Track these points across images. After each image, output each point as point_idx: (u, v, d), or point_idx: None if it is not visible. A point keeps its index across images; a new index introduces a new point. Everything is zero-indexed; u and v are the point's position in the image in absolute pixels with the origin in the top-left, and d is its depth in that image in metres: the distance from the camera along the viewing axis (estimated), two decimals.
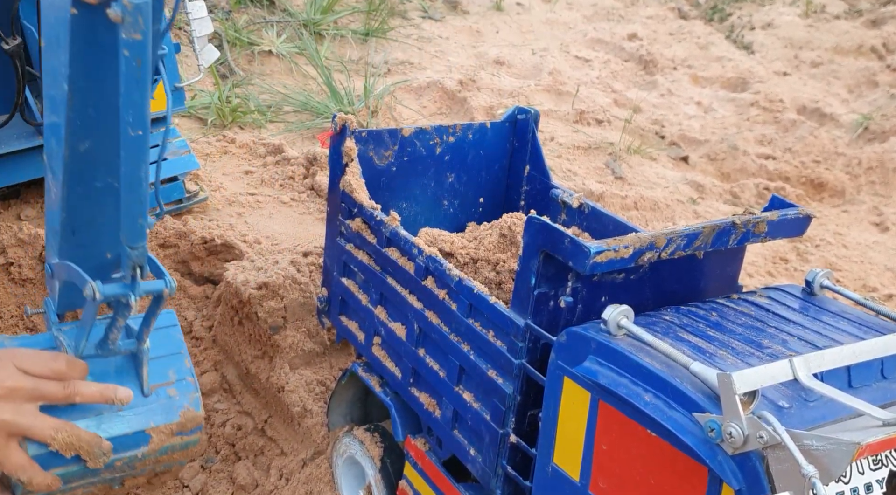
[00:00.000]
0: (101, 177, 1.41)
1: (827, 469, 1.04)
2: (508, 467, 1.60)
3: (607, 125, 4.24)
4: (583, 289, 1.53)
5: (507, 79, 4.59)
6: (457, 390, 1.70)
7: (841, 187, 4.03)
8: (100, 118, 1.34)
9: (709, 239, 1.51)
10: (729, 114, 4.71)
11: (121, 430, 1.56)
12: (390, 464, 2.01)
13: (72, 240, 1.48)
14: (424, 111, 4.06)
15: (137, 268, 1.42)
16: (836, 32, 5.79)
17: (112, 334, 1.55)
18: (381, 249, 1.89)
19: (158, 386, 1.66)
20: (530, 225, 1.48)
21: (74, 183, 1.40)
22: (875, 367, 1.32)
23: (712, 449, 1.17)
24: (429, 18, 5.41)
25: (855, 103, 4.90)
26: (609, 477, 1.36)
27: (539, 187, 2.24)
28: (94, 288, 1.41)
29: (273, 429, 2.40)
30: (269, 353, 2.40)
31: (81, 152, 1.36)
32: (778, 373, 1.19)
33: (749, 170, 4.08)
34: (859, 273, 3.21)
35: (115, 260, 1.53)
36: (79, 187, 1.41)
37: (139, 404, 1.61)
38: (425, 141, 2.17)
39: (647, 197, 3.43)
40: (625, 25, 5.86)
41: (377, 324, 1.94)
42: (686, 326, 1.44)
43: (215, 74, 3.81)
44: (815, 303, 1.56)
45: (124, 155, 1.26)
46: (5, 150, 2.48)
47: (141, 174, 1.28)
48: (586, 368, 1.37)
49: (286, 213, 2.91)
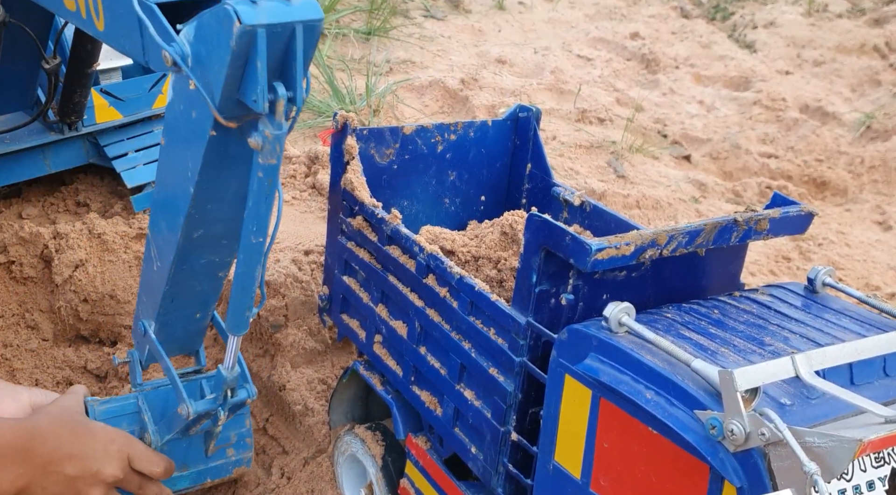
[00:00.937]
0: (206, 257, 1.59)
1: (828, 466, 1.04)
2: (510, 465, 1.60)
3: (609, 124, 4.24)
4: (584, 286, 1.53)
5: (509, 77, 4.59)
6: (458, 388, 1.69)
7: (843, 186, 4.02)
8: (217, 212, 1.48)
9: (711, 236, 1.51)
10: (731, 113, 4.70)
11: (184, 485, 1.95)
12: (392, 463, 2.00)
13: (170, 307, 1.69)
14: (426, 110, 4.06)
15: (229, 390, 1.67)
16: (839, 31, 5.78)
17: (208, 445, 1.92)
18: (383, 247, 1.88)
19: (220, 447, 1.97)
20: (531, 222, 1.48)
21: (182, 262, 1.57)
22: (877, 365, 1.31)
23: (714, 446, 1.17)
24: (431, 17, 5.41)
25: (858, 102, 4.89)
26: (610, 475, 1.36)
27: (541, 185, 2.24)
28: (189, 407, 1.65)
29: (275, 428, 2.39)
30: (271, 352, 2.40)
31: (193, 238, 1.51)
32: (780, 371, 1.18)
33: (751, 168, 4.07)
34: (862, 271, 3.20)
35: (201, 325, 1.79)
36: (185, 265, 1.58)
37: (200, 462, 1.95)
38: (427, 139, 2.17)
39: (649, 195, 3.42)
40: (627, 24, 5.85)
41: (378, 322, 1.94)
42: (688, 324, 1.44)
43: None
44: (817, 301, 1.55)
45: (243, 258, 1.41)
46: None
47: (255, 274, 1.43)
48: (587, 366, 1.36)
49: (288, 212, 2.91)
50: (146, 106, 2.74)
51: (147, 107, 2.75)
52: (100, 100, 2.61)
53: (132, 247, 2.58)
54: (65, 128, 2.57)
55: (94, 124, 2.64)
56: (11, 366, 2.44)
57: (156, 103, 2.76)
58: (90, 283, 2.50)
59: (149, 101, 2.74)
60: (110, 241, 2.55)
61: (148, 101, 2.74)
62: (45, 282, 2.56)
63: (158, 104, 2.76)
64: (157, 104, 2.76)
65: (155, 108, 2.76)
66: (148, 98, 2.73)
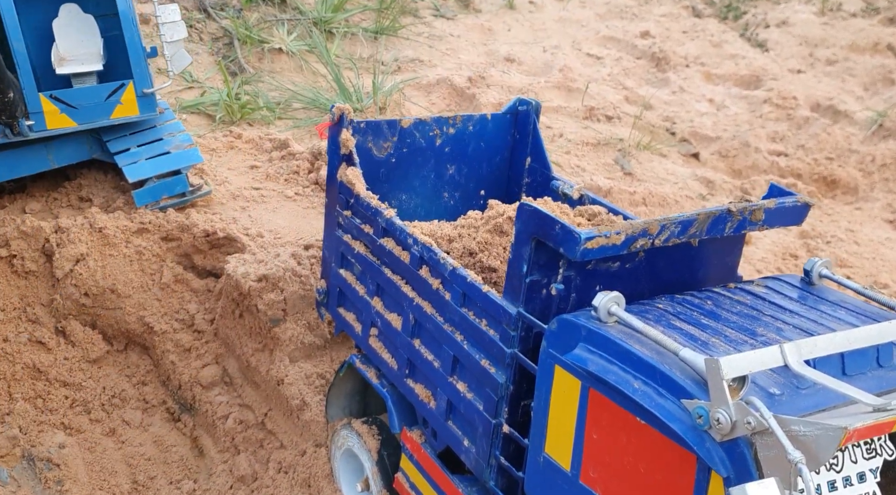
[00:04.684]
0: None
1: (814, 454, 1.02)
2: (501, 457, 1.58)
3: (617, 122, 4.21)
4: (576, 277, 1.51)
5: (517, 76, 4.57)
6: (451, 380, 1.68)
7: (854, 184, 3.97)
8: None
9: (704, 226, 1.49)
10: (741, 111, 4.66)
11: None
12: (387, 457, 1.99)
13: None
14: (433, 108, 4.05)
15: None
16: (852, 30, 5.72)
17: None
18: (378, 240, 1.87)
19: None
20: (522, 211, 1.47)
21: None
22: (870, 355, 1.29)
23: (700, 436, 1.15)
24: (441, 17, 5.39)
25: (870, 100, 4.83)
26: (599, 466, 1.34)
27: (540, 179, 2.22)
28: None
29: (273, 422, 2.39)
30: (270, 346, 2.39)
31: None
32: (767, 359, 1.16)
33: (761, 166, 4.03)
34: (871, 269, 3.16)
35: None
36: None
37: None
38: (425, 132, 2.16)
39: (655, 192, 3.39)
40: (638, 23, 5.82)
41: (374, 315, 1.93)
42: (679, 314, 1.42)
43: (224, 71, 3.82)
44: (813, 293, 1.53)
45: None
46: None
47: None
48: (576, 356, 1.35)
49: (290, 207, 2.91)
50: (104, 115, 2.66)
51: (105, 116, 2.66)
52: (49, 106, 2.54)
53: (133, 242, 2.58)
54: (6, 131, 2.48)
55: (45, 130, 2.56)
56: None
57: (114, 113, 2.67)
58: (91, 277, 2.50)
59: (107, 111, 2.66)
60: (111, 236, 2.55)
61: (106, 110, 2.66)
62: (46, 275, 2.57)
63: (117, 114, 2.68)
64: (116, 114, 2.68)
65: (113, 118, 2.68)
66: (105, 107, 2.65)
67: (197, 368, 2.52)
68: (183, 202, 2.80)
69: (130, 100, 2.65)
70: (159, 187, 2.74)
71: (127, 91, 2.63)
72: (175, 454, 2.50)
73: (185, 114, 3.58)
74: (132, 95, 2.64)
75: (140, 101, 2.69)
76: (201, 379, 2.51)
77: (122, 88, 2.63)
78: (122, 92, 2.63)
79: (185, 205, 2.81)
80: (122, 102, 2.65)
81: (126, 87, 2.63)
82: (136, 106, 2.71)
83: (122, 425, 2.54)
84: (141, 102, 2.70)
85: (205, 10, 4.43)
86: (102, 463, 2.45)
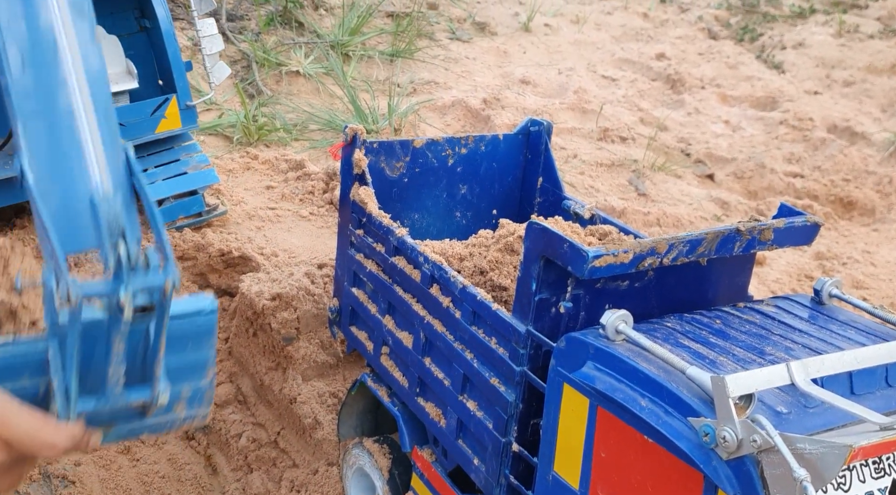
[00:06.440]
0: None
1: (820, 473, 1.02)
2: (511, 476, 1.58)
3: (632, 143, 4.22)
4: (585, 295, 1.52)
5: (532, 97, 4.60)
6: (461, 399, 1.69)
7: (871, 206, 3.95)
8: None
9: (713, 245, 1.49)
10: (757, 132, 4.65)
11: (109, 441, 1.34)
12: (398, 476, 2.00)
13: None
14: (448, 129, 4.07)
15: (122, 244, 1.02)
16: (870, 51, 5.71)
17: (111, 373, 1.15)
18: (389, 258, 1.89)
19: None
20: (530, 230, 1.48)
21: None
22: (879, 374, 1.28)
23: (707, 454, 1.15)
24: (456, 39, 5.44)
25: (888, 122, 4.82)
26: (608, 484, 1.34)
27: (552, 199, 2.23)
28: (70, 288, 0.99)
29: (285, 441, 2.40)
30: (283, 365, 2.40)
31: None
32: (774, 378, 1.16)
33: (776, 188, 4.03)
34: (887, 291, 3.14)
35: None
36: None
37: (135, 419, 1.32)
38: (437, 152, 2.18)
39: (670, 213, 3.40)
40: (653, 45, 5.84)
41: (385, 334, 1.94)
42: (688, 333, 1.42)
43: (241, 94, 3.87)
44: (823, 312, 1.53)
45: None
46: None
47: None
48: (585, 374, 1.35)
49: (305, 227, 2.93)
50: (149, 130, 2.73)
51: (150, 131, 2.73)
52: None
53: None
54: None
55: None
56: None
57: (159, 127, 2.74)
58: None
59: (152, 126, 2.73)
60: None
61: (151, 125, 2.72)
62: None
63: (162, 128, 2.74)
64: (161, 128, 2.74)
65: (158, 132, 2.74)
66: (150, 122, 2.72)
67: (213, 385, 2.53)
68: (199, 222, 2.83)
69: (174, 113, 2.71)
70: (176, 207, 2.78)
71: (171, 105, 2.69)
72: (189, 472, 2.51)
73: (203, 135, 3.62)
74: (175, 109, 2.71)
75: (182, 114, 2.75)
76: (215, 398, 2.52)
77: (166, 103, 2.70)
78: (166, 106, 2.70)
79: (202, 225, 2.84)
80: (165, 116, 2.71)
81: (170, 102, 2.69)
82: (178, 119, 2.77)
83: (136, 443, 2.55)
84: (183, 115, 2.76)
85: (223, 33, 4.50)
86: (117, 481, 2.46)
